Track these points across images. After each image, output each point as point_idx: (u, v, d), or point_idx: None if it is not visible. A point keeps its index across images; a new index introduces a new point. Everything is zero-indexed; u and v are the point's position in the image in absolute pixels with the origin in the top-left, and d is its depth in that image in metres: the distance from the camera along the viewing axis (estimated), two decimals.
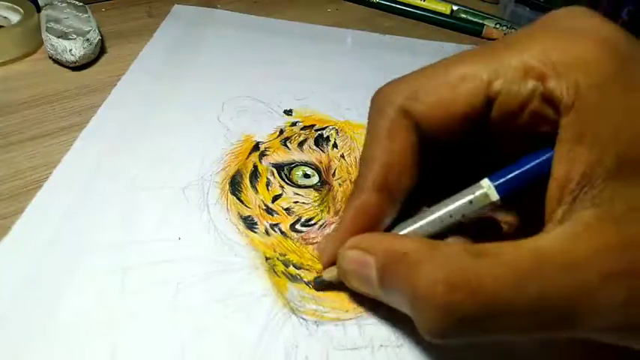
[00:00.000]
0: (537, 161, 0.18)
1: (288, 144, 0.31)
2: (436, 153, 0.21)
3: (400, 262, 0.17)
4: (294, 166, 0.29)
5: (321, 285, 0.23)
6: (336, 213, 0.26)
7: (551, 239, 0.16)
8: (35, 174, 0.27)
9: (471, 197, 0.19)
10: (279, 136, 0.31)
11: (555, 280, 0.15)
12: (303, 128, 0.32)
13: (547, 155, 0.18)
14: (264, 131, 0.32)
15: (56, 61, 0.36)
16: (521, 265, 0.15)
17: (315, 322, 0.21)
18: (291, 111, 0.34)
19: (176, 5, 0.46)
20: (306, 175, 0.29)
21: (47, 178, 0.26)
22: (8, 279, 0.21)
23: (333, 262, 0.22)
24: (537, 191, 0.18)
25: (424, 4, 0.52)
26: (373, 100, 0.21)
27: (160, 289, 0.22)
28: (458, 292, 0.15)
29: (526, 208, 0.21)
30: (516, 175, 0.18)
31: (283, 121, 0.33)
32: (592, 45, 0.16)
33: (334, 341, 0.21)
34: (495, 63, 0.18)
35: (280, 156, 0.30)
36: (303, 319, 0.22)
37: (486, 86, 0.18)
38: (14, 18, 0.38)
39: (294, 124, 0.33)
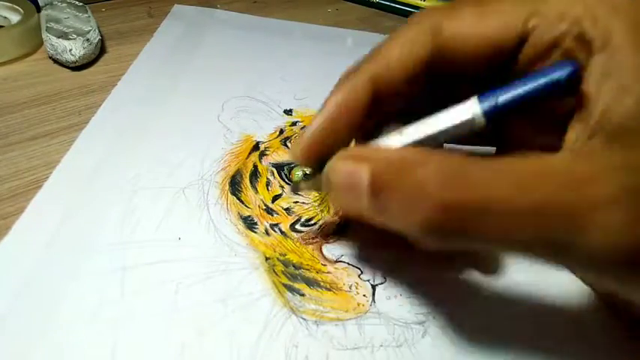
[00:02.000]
0: (528, 86, 0.17)
1: (288, 144, 0.31)
2: (447, 89, 0.20)
3: (395, 167, 0.17)
4: (294, 166, 0.29)
5: (296, 189, 0.23)
6: (336, 213, 0.26)
7: (559, 157, 0.16)
8: (35, 174, 0.27)
9: (457, 122, 0.18)
10: (279, 135, 0.31)
11: (558, 190, 0.14)
12: (303, 128, 0.32)
13: (541, 80, 0.17)
14: (264, 131, 0.32)
15: (56, 61, 0.36)
16: (524, 170, 0.15)
17: (315, 322, 0.21)
18: (291, 111, 0.34)
19: (176, 5, 0.46)
20: (306, 175, 0.29)
21: (47, 178, 0.26)
22: (8, 279, 0.21)
23: (310, 153, 0.21)
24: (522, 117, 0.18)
25: (424, 4, 0.52)
26: (412, 17, 0.21)
27: (160, 289, 0.22)
28: (454, 186, 0.15)
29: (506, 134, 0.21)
30: (507, 100, 0.18)
31: (283, 120, 0.33)
32: None
33: (334, 341, 0.21)
34: (534, 4, 0.18)
35: (280, 156, 0.30)
36: (303, 319, 0.22)
37: (522, 22, 0.18)
38: (14, 18, 0.38)
39: (294, 123, 0.33)
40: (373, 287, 0.23)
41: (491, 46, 0.19)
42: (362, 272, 0.23)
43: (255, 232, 0.25)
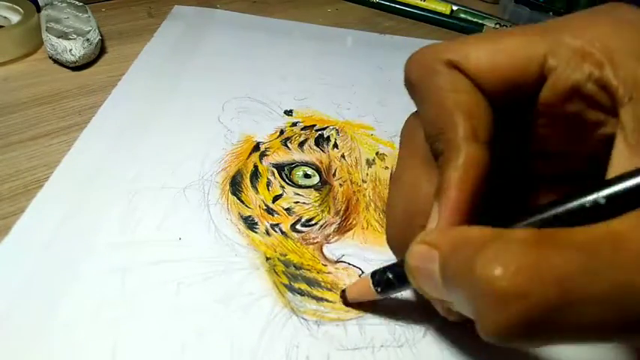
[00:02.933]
0: None
1: (289, 144, 0.31)
2: None
3: (461, 249, 0.15)
4: (295, 167, 0.29)
5: (346, 300, 0.22)
6: (337, 213, 0.26)
7: (626, 224, 0.14)
8: (35, 174, 0.27)
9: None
10: (279, 136, 0.31)
11: (635, 267, 0.13)
12: (304, 128, 0.32)
13: None
14: (264, 131, 0.32)
15: (56, 61, 0.36)
16: (594, 248, 0.13)
17: (316, 322, 0.21)
18: (291, 111, 0.34)
19: (176, 5, 0.46)
20: (307, 175, 0.29)
21: (47, 178, 0.26)
22: (8, 279, 0.21)
23: None
24: None
25: (424, 4, 0.52)
26: (414, 63, 0.20)
27: (160, 289, 0.22)
28: (522, 279, 0.13)
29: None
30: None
31: (284, 121, 0.33)
32: None
33: (335, 341, 0.21)
34: (552, 40, 0.17)
35: (281, 156, 0.30)
36: (304, 319, 0.22)
37: (542, 60, 0.17)
38: (14, 18, 0.38)
39: (294, 124, 0.33)
40: None
41: (516, 82, 0.18)
42: (362, 272, 0.23)
43: (256, 232, 0.25)
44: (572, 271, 0.13)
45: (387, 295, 0.21)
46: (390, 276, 0.20)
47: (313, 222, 0.26)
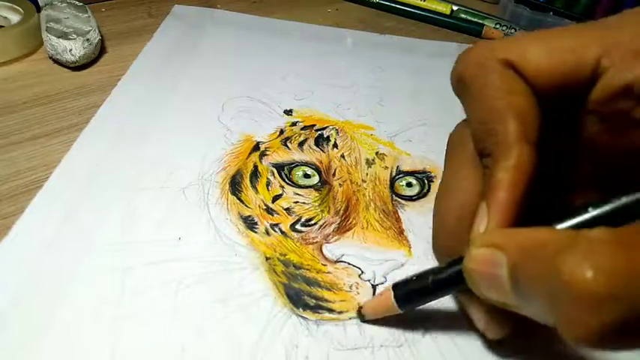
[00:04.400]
0: None
1: (289, 144, 0.31)
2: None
3: (538, 254, 0.14)
4: (295, 166, 0.29)
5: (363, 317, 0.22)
6: (337, 213, 0.26)
7: None
8: (35, 174, 0.27)
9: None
10: (279, 136, 0.31)
11: None
12: (304, 128, 0.32)
13: None
14: (264, 131, 0.32)
15: (56, 61, 0.36)
16: None
17: (316, 322, 0.21)
18: (291, 111, 0.34)
19: (176, 5, 0.46)
20: (307, 175, 0.29)
21: (47, 178, 0.26)
22: (8, 279, 0.21)
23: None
24: None
25: (424, 4, 0.52)
26: (468, 60, 0.19)
27: (160, 289, 0.22)
28: (614, 281, 0.12)
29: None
30: None
31: (283, 121, 0.33)
32: None
33: (334, 341, 0.21)
34: (606, 40, 0.17)
35: (280, 156, 0.30)
36: (304, 318, 0.22)
37: (595, 60, 0.17)
38: (14, 18, 0.38)
39: (294, 124, 0.33)
40: (374, 287, 0.23)
41: (569, 82, 0.18)
42: (362, 272, 0.23)
43: (256, 232, 0.25)
44: None
45: (410, 309, 0.21)
46: (417, 287, 0.20)
47: (313, 222, 0.26)
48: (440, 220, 0.22)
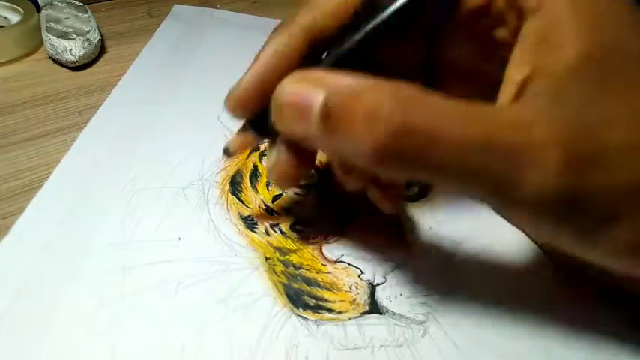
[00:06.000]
0: None
1: None
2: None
3: (350, 90, 0.16)
4: None
5: (227, 152, 0.22)
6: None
7: (499, 103, 0.17)
8: (35, 174, 0.27)
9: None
10: None
11: (502, 130, 0.15)
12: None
13: None
14: None
15: (56, 61, 0.36)
16: (473, 107, 0.16)
17: (316, 322, 0.21)
18: None
19: (176, 5, 0.46)
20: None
21: (47, 178, 0.26)
22: (8, 279, 0.21)
23: (246, 103, 0.21)
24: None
25: None
26: None
27: (160, 289, 0.22)
28: (408, 111, 0.15)
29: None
30: None
31: None
32: None
33: (334, 341, 0.21)
34: None
35: None
36: (304, 318, 0.22)
37: None
38: (14, 18, 0.38)
39: None
40: (373, 287, 0.23)
41: None
42: (362, 272, 0.23)
43: (255, 232, 0.25)
44: (448, 116, 0.15)
45: (263, 139, 0.22)
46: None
47: (313, 222, 0.26)
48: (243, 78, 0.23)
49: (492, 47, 0.19)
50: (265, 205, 0.27)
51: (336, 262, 0.24)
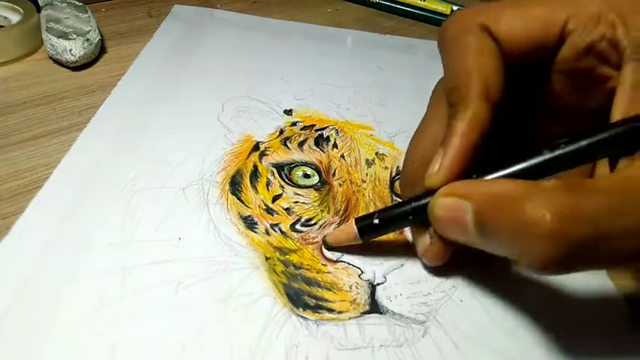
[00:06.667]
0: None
1: (288, 144, 0.31)
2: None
3: (501, 201, 0.17)
4: (294, 166, 0.29)
5: (329, 246, 0.24)
6: (336, 213, 0.26)
7: (635, 169, 0.17)
8: (35, 174, 0.27)
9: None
10: (279, 136, 0.31)
11: None
12: (303, 128, 0.32)
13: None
14: (264, 131, 0.32)
15: (56, 61, 0.36)
16: (618, 190, 0.16)
17: (316, 321, 0.21)
18: (291, 111, 0.34)
19: (176, 5, 0.46)
20: (306, 175, 0.29)
21: (47, 178, 0.26)
22: (8, 279, 0.21)
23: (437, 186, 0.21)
24: None
25: (424, 4, 0.52)
26: (452, 23, 0.22)
27: (160, 289, 0.22)
28: (566, 220, 0.16)
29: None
30: None
31: (283, 121, 0.33)
32: None
33: (334, 341, 0.21)
34: (572, 6, 0.21)
35: (280, 156, 0.30)
36: (304, 318, 0.22)
37: (563, 24, 0.20)
38: (14, 18, 0.38)
39: (294, 124, 0.33)
40: (373, 287, 0.23)
41: (540, 43, 0.21)
42: (362, 272, 0.23)
43: (256, 232, 0.25)
44: (604, 212, 0.16)
45: (367, 240, 0.24)
46: (376, 221, 0.23)
47: (313, 222, 0.26)
48: (407, 162, 0.24)
49: (594, 82, 0.21)
50: (265, 205, 0.27)
51: (337, 262, 0.24)
